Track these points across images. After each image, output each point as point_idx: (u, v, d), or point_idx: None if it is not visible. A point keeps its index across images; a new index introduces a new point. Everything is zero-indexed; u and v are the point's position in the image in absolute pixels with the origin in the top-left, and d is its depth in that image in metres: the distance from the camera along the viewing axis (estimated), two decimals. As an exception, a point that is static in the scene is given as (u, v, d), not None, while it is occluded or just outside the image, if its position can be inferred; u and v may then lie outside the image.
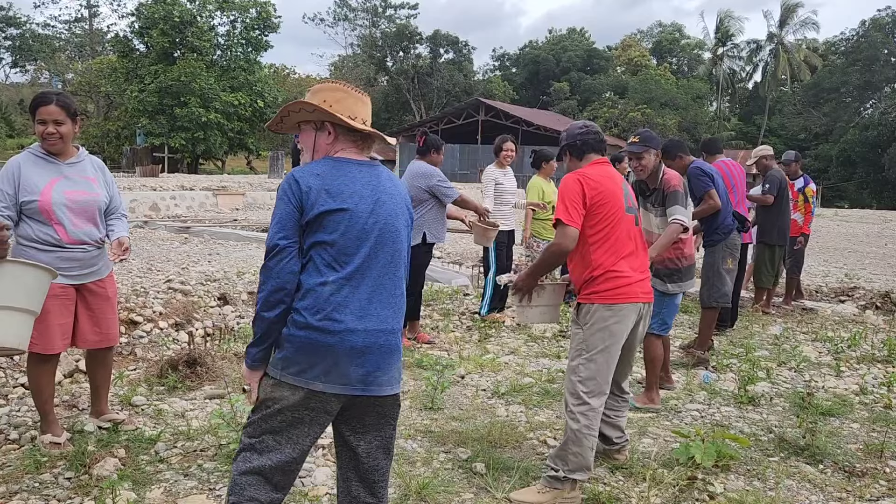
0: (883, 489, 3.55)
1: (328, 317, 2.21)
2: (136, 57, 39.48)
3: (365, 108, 2.40)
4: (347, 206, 2.24)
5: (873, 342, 6.74)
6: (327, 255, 2.23)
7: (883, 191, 45.07)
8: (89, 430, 3.79)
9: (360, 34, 60.51)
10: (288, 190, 2.24)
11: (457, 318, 7.25)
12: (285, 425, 2.26)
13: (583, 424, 3.25)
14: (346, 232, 2.23)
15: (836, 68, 51.35)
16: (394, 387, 2.35)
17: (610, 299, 3.31)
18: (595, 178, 3.37)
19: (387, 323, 2.30)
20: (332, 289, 2.22)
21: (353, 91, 2.39)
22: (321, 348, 2.21)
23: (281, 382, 2.25)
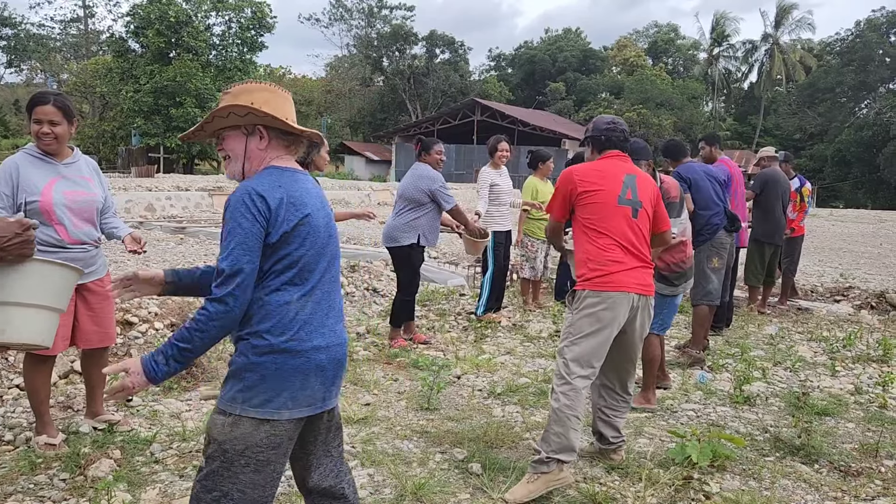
0: (878, 488, 3.55)
1: (294, 337, 2.04)
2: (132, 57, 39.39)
3: (291, 108, 2.23)
4: (310, 220, 2.09)
5: (868, 342, 6.76)
6: (291, 273, 2.06)
7: (878, 191, 45.22)
8: (84, 432, 3.78)
9: (356, 34, 60.47)
10: (252, 206, 2.01)
11: (453, 319, 7.25)
12: (250, 470, 2.04)
13: (563, 404, 3.30)
14: (311, 247, 2.09)
15: (831, 68, 51.50)
16: (337, 396, 2.26)
17: (598, 286, 3.38)
18: (587, 170, 3.53)
19: (342, 336, 2.21)
20: (297, 307, 2.06)
21: (278, 90, 2.22)
22: (287, 372, 2.03)
23: (240, 419, 2.02)
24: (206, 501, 2.05)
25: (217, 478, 2.04)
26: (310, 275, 2.10)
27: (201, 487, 2.06)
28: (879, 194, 44.84)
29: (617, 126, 3.64)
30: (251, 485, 2.06)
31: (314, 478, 2.29)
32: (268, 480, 2.09)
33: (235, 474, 2.04)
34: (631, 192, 3.49)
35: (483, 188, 7.00)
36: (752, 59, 59.21)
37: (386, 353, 5.77)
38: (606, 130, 3.63)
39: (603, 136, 3.62)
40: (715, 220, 5.76)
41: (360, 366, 5.36)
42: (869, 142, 44.30)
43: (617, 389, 3.68)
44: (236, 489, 2.04)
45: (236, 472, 2.04)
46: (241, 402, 2.03)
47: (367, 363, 5.47)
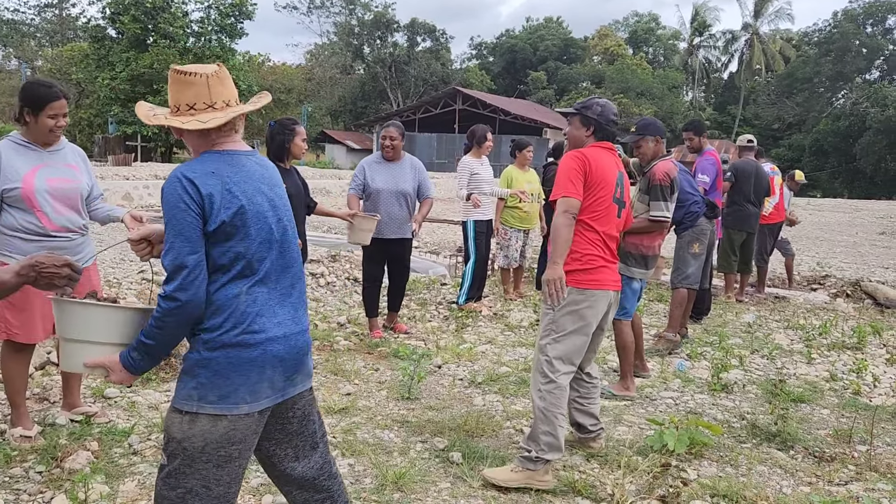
0: (851, 473, 3.62)
1: (247, 330, 1.98)
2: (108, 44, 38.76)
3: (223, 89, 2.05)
4: (252, 207, 2.00)
5: (843, 330, 6.86)
6: (237, 265, 1.98)
7: (854, 180, 45.77)
8: (61, 424, 3.73)
9: (336, 22, 59.96)
10: (184, 194, 1.91)
11: (434, 308, 7.25)
12: (211, 466, 1.99)
13: (549, 402, 3.31)
14: (256, 235, 2.00)
15: (809, 59, 51.94)
16: (307, 382, 2.21)
17: (584, 284, 3.37)
18: (595, 159, 3.40)
19: (300, 323, 2.14)
20: (247, 299, 1.99)
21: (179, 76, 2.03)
22: (242, 366, 1.98)
23: (197, 416, 1.97)
24: (171, 499, 2.01)
25: (179, 476, 2.00)
26: (259, 264, 2.02)
27: (164, 485, 2.02)
28: (856, 184, 45.39)
29: (618, 119, 3.58)
30: (215, 480, 2.02)
31: (299, 469, 2.26)
32: (232, 475, 2.05)
33: (198, 470, 2.00)
34: (620, 191, 3.51)
35: (463, 177, 6.98)
36: (732, 49, 59.60)
37: (367, 342, 5.76)
38: (613, 123, 3.53)
39: (609, 126, 3.51)
40: (695, 207, 5.82)
41: (340, 356, 5.34)
42: (846, 132, 44.78)
43: (584, 377, 3.70)
44: (200, 485, 2.01)
45: (198, 469, 2.00)
46: (196, 399, 1.98)
47: (347, 353, 5.46)
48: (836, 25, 50.30)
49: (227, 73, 2.12)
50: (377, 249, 5.83)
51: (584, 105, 3.55)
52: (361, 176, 5.86)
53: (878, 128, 41.80)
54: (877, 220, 22.28)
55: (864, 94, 45.15)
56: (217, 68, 2.07)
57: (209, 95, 2.03)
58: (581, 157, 3.38)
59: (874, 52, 50.51)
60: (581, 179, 3.34)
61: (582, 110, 3.52)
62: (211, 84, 2.03)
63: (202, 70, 2.03)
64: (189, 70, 2.02)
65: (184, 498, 2.01)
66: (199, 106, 2.02)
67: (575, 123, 3.54)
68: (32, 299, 3.41)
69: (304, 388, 2.21)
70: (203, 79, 2.02)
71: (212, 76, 2.03)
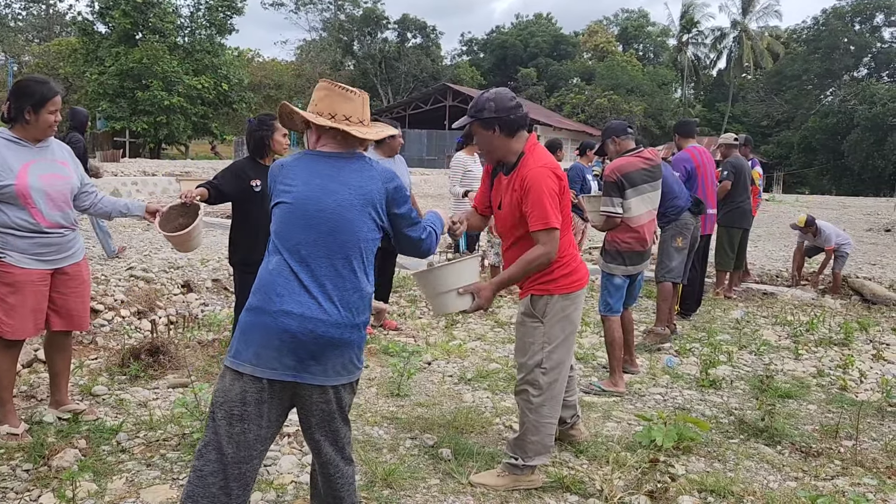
0: (837, 468, 3.65)
1: (265, 296, 2.26)
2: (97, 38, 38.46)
3: (349, 105, 2.42)
4: (299, 195, 2.32)
5: (831, 326, 6.91)
6: (273, 241, 2.33)
7: (842, 177, 46.07)
8: (48, 421, 3.72)
9: (325, 18, 59.74)
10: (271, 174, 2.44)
11: (424, 305, 7.25)
12: (225, 423, 2.25)
13: (543, 414, 3.26)
14: (288, 219, 2.31)
15: (797, 56, 52.20)
16: (330, 377, 2.30)
17: (567, 288, 3.27)
18: (555, 166, 3.24)
19: (329, 314, 2.26)
20: (274, 272, 2.28)
21: (336, 89, 2.44)
22: (256, 327, 2.24)
23: (225, 371, 2.29)
24: (198, 448, 2.29)
25: (208, 428, 2.28)
26: (285, 243, 2.30)
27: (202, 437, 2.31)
28: (843, 181, 45.69)
29: (518, 102, 3.19)
30: (227, 437, 2.24)
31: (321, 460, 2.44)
32: (241, 438, 2.25)
33: (216, 424, 2.26)
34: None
35: (457, 174, 6.98)
36: (721, 46, 59.73)
37: (356, 339, 5.75)
38: (514, 109, 3.13)
39: (512, 115, 3.12)
40: (679, 202, 5.87)
41: (330, 352, 5.33)
42: (834, 129, 45.06)
43: None
44: (214, 439, 2.25)
45: (216, 423, 2.26)
46: (227, 354, 2.30)
47: (337, 350, 5.44)
48: (825, 23, 50.60)
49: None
50: None
51: (477, 109, 3.16)
52: None
53: (866, 125, 42.09)
54: (864, 217, 22.45)
55: (851, 92, 45.45)
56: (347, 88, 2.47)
57: (363, 113, 2.48)
58: (553, 176, 3.10)
59: (862, 49, 50.83)
60: (558, 199, 3.12)
61: (477, 115, 3.15)
62: (364, 104, 2.49)
63: (359, 92, 2.49)
64: (350, 88, 2.46)
65: (202, 451, 2.27)
66: (354, 120, 2.43)
67: (479, 132, 3.19)
68: (25, 296, 3.40)
69: (327, 382, 2.30)
70: (360, 98, 2.47)
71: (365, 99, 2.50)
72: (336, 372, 2.31)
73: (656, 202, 4.99)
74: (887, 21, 51.16)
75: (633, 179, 4.78)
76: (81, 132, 7.97)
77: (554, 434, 3.37)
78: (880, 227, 18.34)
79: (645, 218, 4.85)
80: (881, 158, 42.35)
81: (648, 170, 4.87)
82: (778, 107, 51.31)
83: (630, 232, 4.80)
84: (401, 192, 2.48)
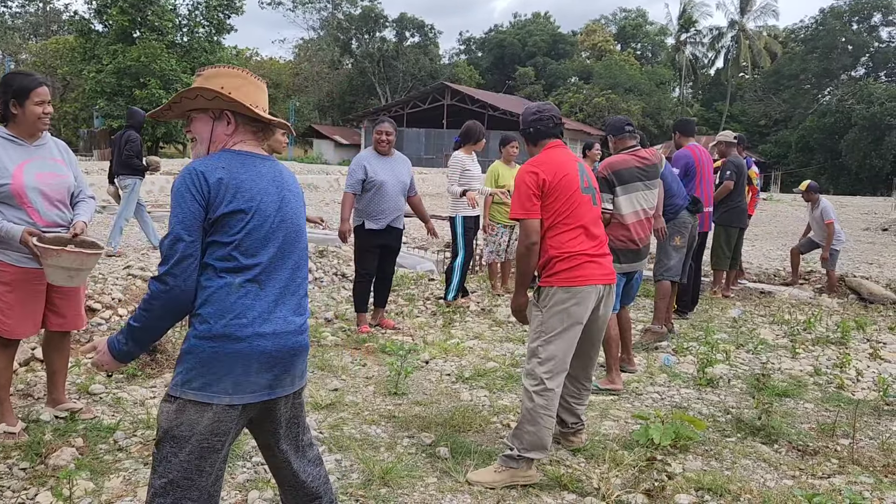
0: (834, 467, 3.65)
1: (233, 322, 2.03)
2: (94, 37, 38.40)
3: (263, 96, 2.24)
4: (253, 206, 2.08)
5: (828, 324, 6.92)
6: (231, 257, 2.05)
7: (840, 176, 46.14)
8: (45, 420, 3.71)
9: (322, 17, 59.71)
10: (192, 185, 2.02)
11: (421, 304, 7.25)
12: (195, 457, 2.05)
13: (538, 404, 3.29)
14: (252, 231, 2.07)
15: (795, 55, 52.28)
16: (296, 384, 2.24)
17: (568, 282, 3.34)
18: (548, 163, 3.42)
19: (296, 324, 2.18)
20: (238, 292, 2.05)
21: (251, 77, 2.21)
22: (228, 357, 2.03)
23: (185, 404, 2.04)
24: (157, 489, 2.07)
25: (167, 464, 2.06)
26: (254, 260, 2.07)
27: (153, 474, 2.09)
28: (841, 180, 45.76)
29: (543, 115, 3.54)
30: (197, 472, 2.07)
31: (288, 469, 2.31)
32: (213, 467, 2.10)
33: (181, 461, 2.05)
34: (587, 180, 3.51)
35: (455, 173, 6.98)
36: (719, 45, 59.77)
37: (354, 338, 5.76)
38: (533, 122, 3.54)
39: (531, 128, 3.54)
40: (677, 201, 5.88)
41: (327, 351, 5.34)
42: (831, 128, 45.12)
43: (580, 378, 3.69)
44: (182, 477, 2.05)
45: (182, 460, 2.05)
46: (181, 384, 2.05)
47: (335, 348, 5.45)
48: (823, 22, 50.68)
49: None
50: (375, 243, 5.89)
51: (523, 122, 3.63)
52: (361, 172, 5.80)
53: (864, 125, 42.17)
54: (861, 216, 22.49)
55: (849, 91, 45.52)
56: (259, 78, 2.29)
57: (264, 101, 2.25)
58: (528, 170, 3.41)
59: (860, 49, 50.92)
60: (535, 193, 3.36)
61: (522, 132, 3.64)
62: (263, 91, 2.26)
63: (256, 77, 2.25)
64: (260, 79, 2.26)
65: (166, 488, 2.06)
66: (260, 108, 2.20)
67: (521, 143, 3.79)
68: (22, 294, 3.40)
69: (293, 389, 2.23)
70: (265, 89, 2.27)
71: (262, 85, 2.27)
72: (299, 377, 2.24)
73: (651, 202, 4.93)
74: (885, 20, 51.28)
75: (623, 177, 4.76)
76: (138, 131, 8.42)
77: (552, 431, 3.37)
78: (877, 226, 18.37)
79: (633, 217, 4.79)
80: (878, 158, 42.42)
81: (643, 168, 4.83)
82: (776, 106, 51.39)
83: (622, 230, 4.79)
84: None
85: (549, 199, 3.37)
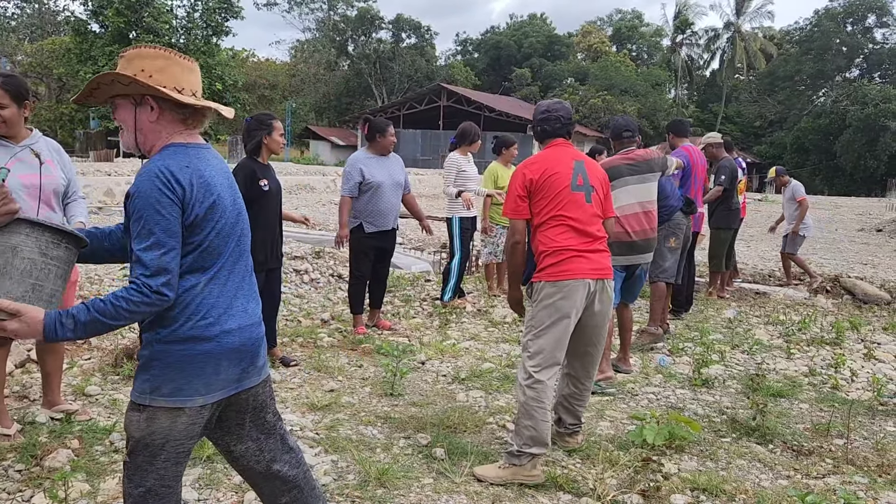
0: (829, 466, 3.67)
1: (200, 323, 1.97)
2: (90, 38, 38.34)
3: (192, 77, 2.05)
4: (220, 201, 2.00)
5: (822, 325, 6.94)
6: (196, 257, 1.97)
7: (834, 177, 46.27)
8: (41, 422, 3.71)
9: (317, 18, 59.72)
10: (166, 188, 1.89)
11: (418, 305, 7.26)
12: (171, 464, 2.02)
13: (530, 397, 3.33)
14: (220, 230, 2.00)
15: (790, 57, 52.43)
16: (262, 373, 2.19)
17: (554, 276, 3.40)
18: (538, 162, 3.51)
19: (254, 315, 2.13)
20: (203, 292, 1.98)
21: (177, 57, 2.04)
22: (198, 359, 1.97)
23: (156, 411, 1.97)
24: (134, 497, 2.03)
25: (143, 473, 2.02)
26: (216, 258, 2.01)
27: (128, 483, 2.04)
28: (836, 181, 45.89)
29: (552, 114, 3.62)
30: (174, 477, 2.05)
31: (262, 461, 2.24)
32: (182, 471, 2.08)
33: (157, 469, 2.01)
34: (582, 177, 3.52)
35: (451, 174, 6.98)
36: (714, 46, 59.94)
37: (350, 339, 5.76)
38: (541, 121, 3.64)
39: (539, 126, 3.65)
40: (672, 202, 5.91)
41: (324, 352, 5.34)
42: (826, 129, 45.26)
43: (581, 378, 3.70)
44: (160, 484, 2.02)
45: (158, 468, 2.01)
46: (149, 392, 1.97)
47: (331, 350, 5.45)
48: (817, 24, 50.85)
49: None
50: (371, 244, 5.87)
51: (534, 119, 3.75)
52: (358, 174, 5.78)
53: (858, 126, 42.30)
54: (856, 217, 22.57)
55: (844, 93, 45.68)
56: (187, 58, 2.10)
57: (196, 84, 2.08)
58: (517, 172, 3.54)
59: (854, 50, 51.10)
60: (521, 195, 3.48)
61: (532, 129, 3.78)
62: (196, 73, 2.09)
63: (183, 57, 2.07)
64: (190, 59, 2.07)
65: (145, 497, 2.02)
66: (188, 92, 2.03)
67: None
68: None
69: (260, 379, 2.18)
70: (192, 65, 2.08)
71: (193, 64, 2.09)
72: (263, 365, 2.20)
73: (647, 195, 4.98)
74: (879, 22, 51.49)
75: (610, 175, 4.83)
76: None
77: (549, 425, 3.38)
78: (872, 227, 18.42)
79: (623, 211, 4.81)
80: (873, 159, 42.56)
81: (632, 164, 4.92)
82: (771, 107, 51.53)
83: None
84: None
85: (535, 196, 3.47)
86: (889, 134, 41.30)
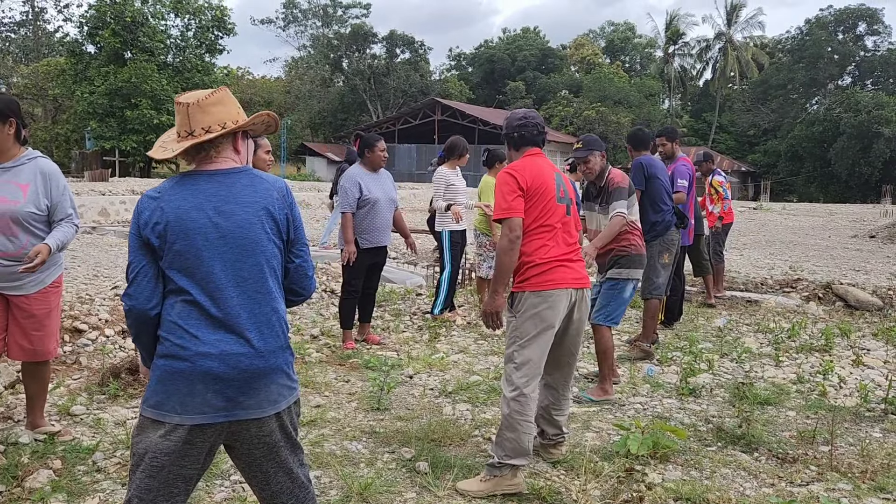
0: (813, 474, 3.67)
1: (177, 340, 2.06)
2: (86, 58, 38.49)
3: (203, 116, 2.15)
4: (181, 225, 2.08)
5: (812, 332, 6.95)
6: (172, 279, 2.09)
7: (829, 185, 46.37)
8: (24, 442, 3.70)
9: (312, 35, 59.98)
10: (134, 214, 2.16)
11: (408, 319, 7.26)
12: (145, 475, 2.07)
13: (514, 410, 3.32)
14: (187, 250, 2.07)
15: (782, 66, 52.67)
16: (265, 408, 2.14)
17: (539, 286, 3.39)
18: (527, 169, 3.48)
19: (252, 346, 2.10)
20: (182, 311, 2.08)
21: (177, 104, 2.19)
22: (175, 375, 2.05)
23: (144, 420, 2.10)
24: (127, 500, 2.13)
25: (131, 481, 2.12)
26: (189, 279, 2.09)
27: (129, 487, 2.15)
28: (830, 188, 45.98)
29: (529, 121, 3.59)
30: (146, 490, 2.08)
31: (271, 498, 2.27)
32: (162, 488, 2.08)
33: (136, 479, 2.10)
34: (563, 190, 3.55)
35: (440, 188, 7.00)
36: (707, 56, 60.23)
37: (339, 354, 5.76)
38: (519, 127, 3.59)
39: (516, 133, 3.60)
40: (667, 216, 5.92)
41: (311, 368, 5.34)
42: (820, 137, 45.40)
43: (560, 388, 3.70)
44: (137, 496, 2.09)
45: (137, 477, 2.10)
46: (144, 402, 2.12)
47: (319, 365, 5.45)
48: (809, 33, 51.17)
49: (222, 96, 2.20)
50: (366, 261, 5.92)
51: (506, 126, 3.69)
52: (357, 190, 5.80)
53: (852, 133, 42.46)
54: (850, 224, 22.60)
55: (836, 100, 45.85)
56: (204, 96, 2.17)
57: (189, 124, 2.17)
58: (511, 174, 3.45)
59: (846, 58, 51.38)
60: (518, 193, 3.40)
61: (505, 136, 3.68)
62: (191, 113, 2.16)
63: (185, 99, 2.17)
64: (178, 100, 2.19)
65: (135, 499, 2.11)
66: (182, 133, 2.18)
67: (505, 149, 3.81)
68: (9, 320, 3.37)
69: (264, 413, 2.14)
70: (184, 108, 2.16)
71: (192, 105, 2.15)
72: (271, 401, 2.14)
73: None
74: (870, 30, 51.80)
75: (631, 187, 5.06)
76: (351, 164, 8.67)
77: (531, 436, 3.39)
78: (865, 233, 18.46)
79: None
80: (867, 165, 42.68)
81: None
82: (764, 116, 51.71)
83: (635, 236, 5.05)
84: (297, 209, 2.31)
85: (527, 203, 3.43)
86: (883, 140, 41.45)
